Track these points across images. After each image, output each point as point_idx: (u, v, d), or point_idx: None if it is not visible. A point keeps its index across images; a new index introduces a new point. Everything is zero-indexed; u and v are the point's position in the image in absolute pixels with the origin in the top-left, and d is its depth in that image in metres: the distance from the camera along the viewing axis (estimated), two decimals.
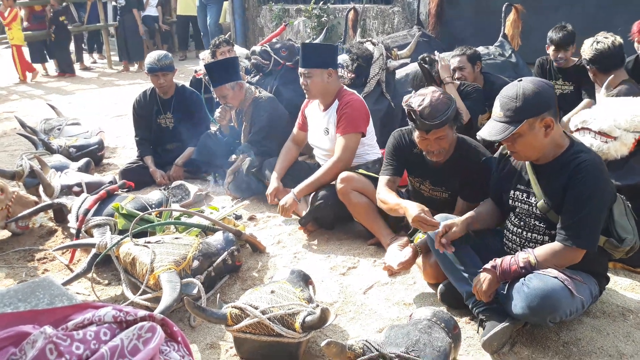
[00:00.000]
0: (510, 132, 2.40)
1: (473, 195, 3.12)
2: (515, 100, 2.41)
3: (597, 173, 2.40)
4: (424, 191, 3.37)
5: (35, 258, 3.70)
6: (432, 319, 2.37)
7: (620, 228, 2.52)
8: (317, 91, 3.92)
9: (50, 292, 1.17)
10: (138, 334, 1.08)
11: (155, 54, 4.97)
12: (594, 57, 3.93)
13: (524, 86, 2.43)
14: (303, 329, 2.41)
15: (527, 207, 2.62)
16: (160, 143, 5.25)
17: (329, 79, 3.89)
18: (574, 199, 2.41)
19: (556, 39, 4.80)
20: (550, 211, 2.51)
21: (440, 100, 2.91)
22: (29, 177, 4.43)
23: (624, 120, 3.05)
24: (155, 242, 3.10)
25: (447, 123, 2.93)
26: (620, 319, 2.74)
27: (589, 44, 3.99)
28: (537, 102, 2.40)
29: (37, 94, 9.58)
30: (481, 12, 7.36)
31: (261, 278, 3.33)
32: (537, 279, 2.39)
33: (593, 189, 2.39)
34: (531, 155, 2.53)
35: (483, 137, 2.51)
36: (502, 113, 2.45)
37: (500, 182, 2.78)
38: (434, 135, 2.95)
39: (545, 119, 2.42)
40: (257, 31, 11.11)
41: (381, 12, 8.34)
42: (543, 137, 2.45)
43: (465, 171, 3.11)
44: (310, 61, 3.85)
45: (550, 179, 2.51)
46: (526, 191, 2.62)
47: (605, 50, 3.90)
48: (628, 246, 2.52)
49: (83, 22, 12.32)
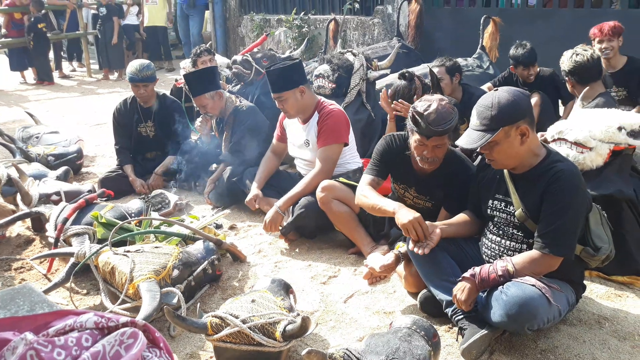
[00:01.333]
0: (486, 139, 2.45)
1: (456, 208, 3.10)
2: (491, 109, 2.47)
3: (573, 182, 2.46)
4: (408, 199, 3.34)
5: (13, 267, 3.65)
6: (412, 327, 2.39)
7: (596, 237, 2.57)
8: (294, 111, 3.95)
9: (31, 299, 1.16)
10: (120, 339, 1.08)
11: (137, 64, 4.94)
12: (573, 69, 4.00)
13: (500, 95, 2.49)
14: (284, 338, 2.41)
15: (505, 215, 2.66)
16: (140, 152, 5.22)
17: (302, 95, 3.91)
18: (551, 207, 2.46)
19: (523, 58, 4.94)
20: (528, 220, 2.55)
21: (446, 109, 2.90)
22: (6, 186, 4.37)
23: (599, 131, 3.11)
24: (135, 251, 3.08)
25: (449, 132, 2.93)
26: (596, 327, 2.78)
27: (568, 56, 4.07)
28: (513, 110, 2.46)
29: (15, 102, 9.47)
30: (460, 24, 7.47)
31: (242, 287, 3.33)
32: (515, 287, 2.43)
33: (570, 197, 2.44)
34: (508, 163, 2.57)
35: (461, 145, 2.56)
36: (479, 122, 2.50)
37: (479, 192, 2.82)
38: (433, 142, 2.93)
39: (520, 127, 2.47)
40: (238, 41, 11.14)
41: (361, 24, 8.42)
42: (519, 145, 2.50)
43: (451, 183, 3.12)
44: (278, 86, 3.87)
45: (528, 188, 2.56)
46: (504, 200, 2.67)
47: (584, 62, 3.98)
48: (604, 255, 2.57)
49: (62, 30, 12.23)
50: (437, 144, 2.94)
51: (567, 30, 6.30)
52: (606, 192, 3.09)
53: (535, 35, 6.59)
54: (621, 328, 2.77)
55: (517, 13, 7.12)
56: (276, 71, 3.85)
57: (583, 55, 3.99)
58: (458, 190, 3.07)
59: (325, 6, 9.21)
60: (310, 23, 9.17)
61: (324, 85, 5.03)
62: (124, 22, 11.52)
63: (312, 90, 4.03)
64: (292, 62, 3.90)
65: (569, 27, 6.35)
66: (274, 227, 3.81)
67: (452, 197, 3.14)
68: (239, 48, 10.72)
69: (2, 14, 11.34)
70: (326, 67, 5.08)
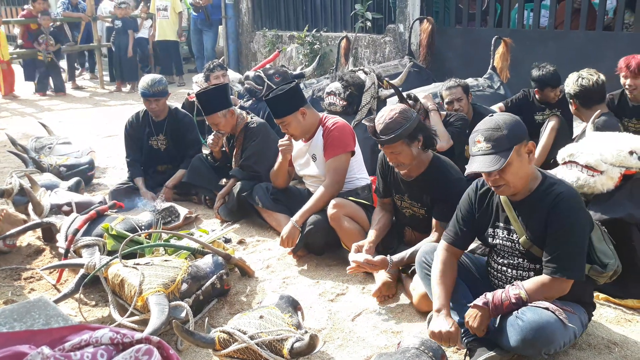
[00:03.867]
0: (504, 161, 2.43)
1: (444, 214, 3.21)
2: (499, 130, 2.47)
3: (574, 204, 2.47)
4: (406, 209, 3.52)
5: (22, 277, 3.67)
6: (420, 347, 2.38)
7: (601, 254, 2.59)
8: (299, 133, 3.99)
9: (46, 313, 1.18)
10: (135, 356, 1.08)
11: (149, 78, 4.98)
12: (579, 92, 4.01)
13: (502, 117, 2.53)
14: (291, 355, 2.41)
15: (509, 244, 2.64)
16: (151, 165, 5.26)
17: (304, 117, 3.94)
18: (557, 231, 2.46)
19: (552, 79, 4.82)
20: (533, 246, 2.55)
21: (394, 119, 3.13)
22: (18, 195, 4.41)
23: (610, 155, 3.11)
24: (145, 264, 3.09)
25: (400, 140, 3.13)
26: (606, 352, 2.76)
27: (574, 79, 4.07)
28: (520, 128, 2.51)
29: (29, 112, 9.57)
30: (471, 44, 7.50)
31: (249, 303, 3.33)
32: (531, 312, 2.42)
33: (574, 219, 2.45)
34: (519, 185, 2.53)
35: (475, 171, 2.50)
36: (490, 145, 2.47)
37: (478, 221, 2.78)
38: (388, 149, 3.22)
39: (527, 144, 2.51)
40: (250, 56, 11.22)
41: (373, 42, 8.48)
42: (528, 164, 2.52)
43: (434, 188, 3.29)
44: (279, 112, 3.91)
45: (529, 214, 2.55)
46: (507, 229, 2.65)
47: (590, 87, 3.99)
48: (611, 270, 2.58)
49: (77, 42, 12.36)
50: (391, 151, 3.20)
51: (579, 52, 6.31)
52: (617, 216, 3.08)
53: (547, 57, 6.60)
54: (631, 354, 2.74)
55: (528, 34, 7.14)
56: (275, 98, 3.89)
57: (589, 80, 4.00)
58: (441, 195, 3.23)
59: (337, 24, 9.28)
60: (322, 40, 9.24)
61: (335, 103, 5.06)
62: (138, 35, 11.63)
63: (312, 109, 4.06)
64: (289, 87, 3.93)
65: (580, 49, 6.36)
66: (292, 243, 3.81)
67: (437, 202, 3.28)
68: (251, 64, 10.80)
69: (18, 25, 11.45)
70: (337, 85, 5.11)
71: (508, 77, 6.33)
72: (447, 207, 3.14)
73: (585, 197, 3.22)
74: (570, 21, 6.70)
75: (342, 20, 9.20)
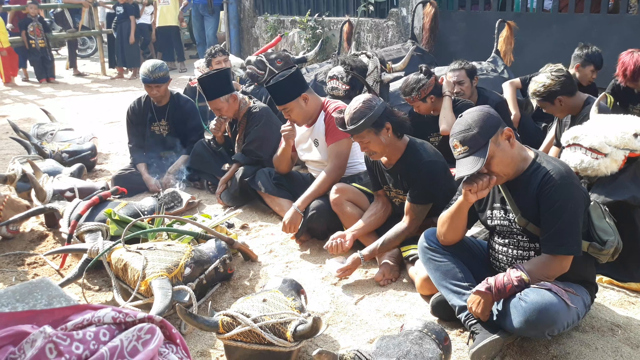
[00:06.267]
0: (483, 160, 2.44)
1: (414, 195, 3.26)
2: (470, 130, 2.49)
3: (563, 180, 2.47)
4: (395, 199, 3.54)
5: (26, 262, 3.68)
6: (424, 330, 2.38)
7: (600, 231, 2.60)
8: (301, 119, 3.99)
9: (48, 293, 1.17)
10: (137, 335, 1.08)
11: (150, 64, 4.96)
12: (562, 84, 3.86)
13: (470, 116, 2.54)
14: (294, 338, 2.41)
15: (507, 223, 2.66)
16: (153, 150, 5.24)
17: (306, 102, 3.94)
18: (549, 209, 2.48)
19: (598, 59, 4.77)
20: (529, 224, 2.56)
21: (358, 109, 3.20)
22: (21, 182, 4.41)
23: (615, 137, 3.09)
24: (148, 249, 3.09)
25: (364, 129, 3.17)
26: (609, 334, 2.76)
27: (548, 78, 3.88)
28: (490, 120, 2.51)
29: (31, 99, 9.56)
30: (474, 27, 7.44)
31: (253, 287, 3.33)
32: (534, 293, 2.42)
33: (564, 196, 2.46)
34: (509, 171, 2.56)
35: (460, 176, 2.51)
36: (466, 147, 2.49)
37: (477, 203, 2.78)
38: (357, 139, 3.27)
39: (504, 132, 2.51)
40: (252, 41, 11.17)
41: (375, 26, 8.42)
42: (511, 149, 2.53)
43: (407, 173, 3.31)
44: (281, 98, 3.91)
45: (522, 193, 2.57)
46: (503, 208, 2.67)
47: (566, 73, 3.90)
48: (611, 247, 2.58)
49: (78, 28, 12.32)
50: (359, 140, 3.26)
51: (583, 35, 6.24)
52: (620, 199, 3.07)
53: (551, 40, 6.58)
54: (634, 336, 2.74)
55: (532, 17, 7.07)
56: (276, 85, 3.87)
57: (559, 68, 3.89)
58: (414, 178, 3.26)
59: (340, 8, 9.21)
60: (325, 25, 9.18)
61: (337, 87, 5.02)
62: (139, 21, 11.58)
63: (314, 94, 4.05)
64: (290, 73, 3.90)
65: (584, 32, 6.30)
66: (294, 228, 3.81)
67: (411, 186, 3.30)
68: (252, 49, 10.74)
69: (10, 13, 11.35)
70: (340, 69, 5.08)
71: (512, 60, 6.28)
72: (421, 188, 3.22)
73: (589, 180, 3.22)
74: (575, 4, 6.63)
75: (344, 4, 9.13)
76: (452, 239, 2.83)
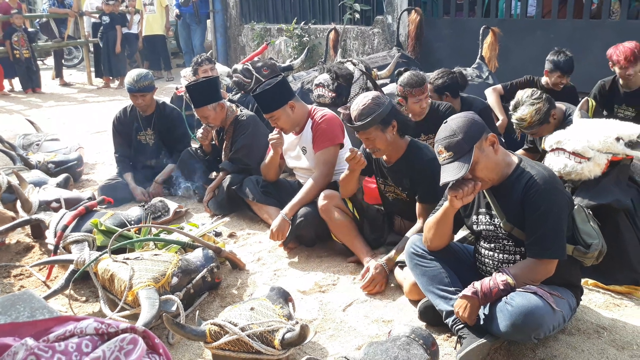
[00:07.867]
0: (468, 165, 2.47)
1: (425, 195, 3.34)
2: (455, 136, 2.52)
3: (547, 185, 2.50)
4: (390, 193, 3.63)
5: (12, 274, 3.65)
6: (411, 335, 2.39)
7: (584, 234, 2.63)
8: (289, 126, 4.00)
9: (31, 305, 1.17)
10: (120, 345, 1.08)
11: (135, 74, 4.93)
12: (547, 101, 3.84)
13: (454, 122, 2.57)
14: (282, 346, 2.41)
15: (493, 228, 2.68)
16: (140, 160, 5.23)
17: (293, 110, 3.95)
18: (533, 214, 2.50)
19: (565, 65, 4.77)
20: (514, 229, 2.58)
21: (367, 105, 3.25)
22: (6, 193, 4.37)
23: (597, 142, 3.12)
24: (134, 259, 3.08)
25: (372, 126, 3.23)
26: (595, 336, 2.78)
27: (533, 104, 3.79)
28: (474, 126, 2.54)
29: (16, 109, 9.49)
30: (459, 34, 7.51)
31: (241, 295, 3.33)
32: (520, 297, 2.44)
33: (548, 201, 2.48)
34: (493, 177, 2.59)
35: (445, 181, 2.54)
36: (451, 153, 2.52)
37: (462, 209, 2.81)
38: (363, 135, 3.30)
39: (488, 138, 2.55)
40: (239, 49, 11.18)
41: (361, 33, 8.47)
42: (495, 155, 2.57)
43: (411, 171, 3.40)
44: (268, 106, 3.91)
45: (507, 198, 2.59)
46: (488, 214, 2.69)
47: (540, 93, 3.87)
48: (595, 251, 2.61)
49: (64, 38, 12.26)
50: (365, 137, 3.30)
51: (567, 40, 6.31)
52: (604, 202, 3.10)
53: (535, 46, 6.64)
54: (620, 337, 2.77)
55: (516, 23, 7.14)
56: (262, 93, 3.88)
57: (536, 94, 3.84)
58: (420, 177, 3.33)
59: (326, 16, 9.26)
60: (311, 32, 9.22)
61: (323, 94, 5.05)
62: (126, 30, 11.55)
63: (301, 101, 4.06)
64: (277, 81, 3.91)
65: (568, 38, 6.37)
66: (282, 235, 3.80)
67: (417, 185, 3.38)
68: (239, 57, 10.76)
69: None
70: (326, 76, 5.10)
71: (496, 66, 6.34)
72: (428, 187, 3.25)
73: (573, 184, 3.25)
74: (558, 10, 6.71)
75: (330, 12, 9.18)
76: (438, 245, 2.85)
